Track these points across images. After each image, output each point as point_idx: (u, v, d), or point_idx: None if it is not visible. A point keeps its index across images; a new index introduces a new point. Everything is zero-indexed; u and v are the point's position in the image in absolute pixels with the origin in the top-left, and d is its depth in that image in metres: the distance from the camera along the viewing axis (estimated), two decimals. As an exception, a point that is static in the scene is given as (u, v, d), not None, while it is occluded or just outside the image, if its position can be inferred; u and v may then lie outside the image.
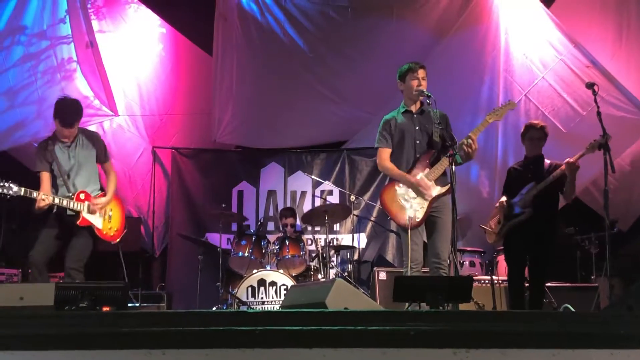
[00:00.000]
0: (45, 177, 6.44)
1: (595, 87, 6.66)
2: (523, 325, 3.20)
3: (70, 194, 6.38)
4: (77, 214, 6.36)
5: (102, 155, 6.73)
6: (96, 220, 6.48)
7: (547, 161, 7.11)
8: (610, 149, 6.39)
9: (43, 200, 6.12)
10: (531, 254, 6.96)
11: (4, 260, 8.94)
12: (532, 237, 6.85)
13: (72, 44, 9.20)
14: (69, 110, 6.48)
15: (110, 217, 6.65)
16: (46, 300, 4.41)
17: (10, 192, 6.06)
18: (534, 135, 7.09)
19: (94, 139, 6.73)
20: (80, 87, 9.23)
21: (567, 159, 6.74)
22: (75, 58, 9.28)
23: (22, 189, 6.10)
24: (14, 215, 9.00)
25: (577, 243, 9.07)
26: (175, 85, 10.71)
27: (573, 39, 8.77)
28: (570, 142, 8.62)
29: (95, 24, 9.44)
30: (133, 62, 10.18)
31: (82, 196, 6.41)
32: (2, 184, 6.06)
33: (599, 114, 6.46)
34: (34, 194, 6.13)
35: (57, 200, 6.24)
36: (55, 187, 6.46)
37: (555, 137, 8.65)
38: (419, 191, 6.01)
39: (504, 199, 7.24)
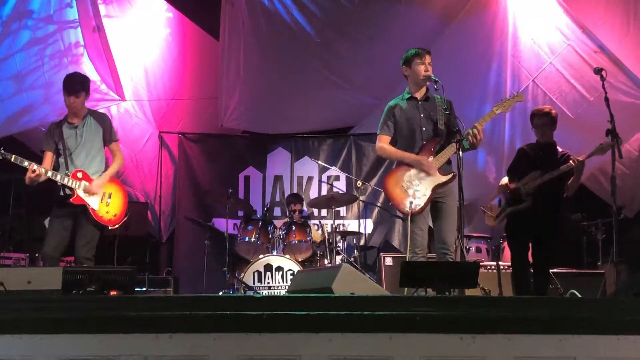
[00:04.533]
0: (47, 156, 6.53)
1: (603, 73, 6.62)
2: (529, 311, 3.21)
3: (67, 172, 6.39)
4: (72, 191, 6.35)
5: (107, 135, 6.71)
6: (91, 201, 6.41)
7: (559, 149, 7.08)
8: (618, 135, 6.37)
9: (34, 171, 6.14)
10: (535, 241, 6.96)
11: (11, 244, 8.98)
12: (536, 224, 6.83)
13: (79, 29, 9.19)
14: (71, 80, 6.58)
15: (109, 201, 6.56)
16: (54, 285, 4.43)
17: (0, 157, 6.14)
18: (539, 121, 7.06)
19: (102, 120, 6.75)
20: (88, 72, 9.19)
21: (577, 158, 6.70)
22: (82, 42, 9.27)
23: (13, 155, 6.15)
24: (21, 201, 9.04)
25: (584, 229, 9.06)
26: (182, 70, 10.68)
27: (581, 24, 8.72)
28: (578, 128, 8.62)
29: (102, 8, 9.41)
30: (140, 47, 10.14)
31: (79, 175, 6.41)
32: None
33: (606, 99, 6.42)
34: (25, 163, 6.15)
35: (49, 174, 6.25)
36: (56, 166, 6.50)
37: (563, 123, 8.61)
38: (421, 168, 5.99)
39: (506, 179, 7.23)
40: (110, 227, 6.61)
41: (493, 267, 8.10)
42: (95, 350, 3.06)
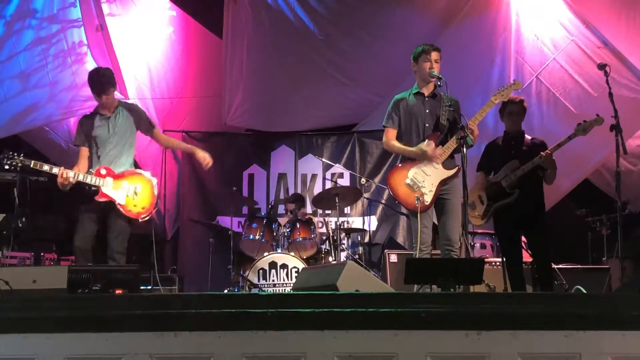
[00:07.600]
0: (83, 152, 6.61)
1: (607, 68, 6.60)
2: (534, 307, 3.20)
3: (91, 170, 6.46)
4: (97, 188, 6.39)
5: (145, 123, 6.83)
6: (117, 196, 6.46)
7: (527, 137, 7.04)
8: (622, 130, 6.35)
9: (61, 175, 6.21)
10: (527, 234, 6.92)
11: (17, 244, 8.98)
12: (523, 217, 6.77)
13: (82, 28, 9.17)
14: (97, 80, 6.63)
15: (136, 193, 6.60)
16: (59, 283, 4.45)
17: (20, 164, 6.21)
18: (513, 109, 6.93)
19: (132, 109, 6.85)
20: (91, 71, 9.24)
21: (542, 153, 6.63)
22: (85, 42, 9.25)
23: (32, 161, 6.22)
24: (26, 200, 9.04)
25: (589, 225, 9.04)
26: (185, 69, 10.69)
27: (584, 19, 8.69)
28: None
29: (105, 7, 9.39)
30: (143, 46, 10.12)
31: (102, 172, 6.46)
32: (10, 155, 6.21)
33: (610, 95, 6.42)
34: (45, 167, 6.23)
35: (80, 177, 6.31)
36: (90, 161, 6.58)
37: (567, 119, 8.61)
38: (424, 157, 6.00)
39: (482, 177, 7.16)
40: (139, 220, 6.66)
41: (498, 264, 8.09)
42: (100, 349, 3.07)
